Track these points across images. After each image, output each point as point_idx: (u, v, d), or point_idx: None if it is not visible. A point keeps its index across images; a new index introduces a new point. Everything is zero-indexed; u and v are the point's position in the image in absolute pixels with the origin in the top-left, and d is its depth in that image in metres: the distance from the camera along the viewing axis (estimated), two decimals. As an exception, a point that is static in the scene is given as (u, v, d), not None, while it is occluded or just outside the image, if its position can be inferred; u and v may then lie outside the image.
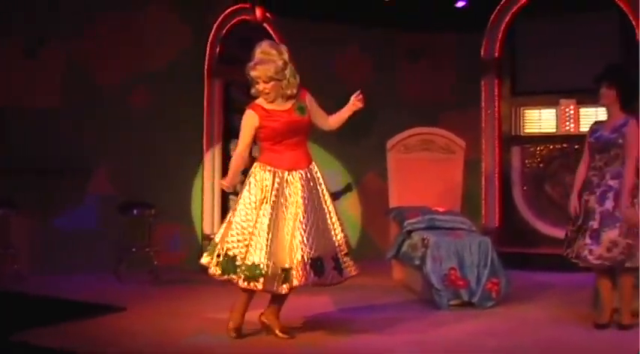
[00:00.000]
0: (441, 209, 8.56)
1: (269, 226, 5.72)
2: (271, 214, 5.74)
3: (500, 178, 10.41)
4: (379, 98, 11.22)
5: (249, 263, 5.70)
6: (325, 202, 5.95)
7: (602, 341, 6.07)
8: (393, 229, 8.91)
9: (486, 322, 6.74)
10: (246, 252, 5.73)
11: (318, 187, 5.95)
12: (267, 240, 5.71)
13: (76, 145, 9.16)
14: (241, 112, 10.22)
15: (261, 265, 5.67)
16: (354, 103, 6.12)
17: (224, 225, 6.04)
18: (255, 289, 5.78)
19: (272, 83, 5.87)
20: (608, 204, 6.16)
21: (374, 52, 11.39)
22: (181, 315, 6.97)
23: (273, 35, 10.59)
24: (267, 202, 5.78)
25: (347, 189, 9.66)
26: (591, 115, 9.86)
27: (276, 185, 5.81)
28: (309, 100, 6.06)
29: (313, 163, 6.04)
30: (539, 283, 8.65)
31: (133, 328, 6.45)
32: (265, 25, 10.50)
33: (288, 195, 5.81)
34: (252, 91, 6.02)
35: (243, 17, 10.25)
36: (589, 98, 9.71)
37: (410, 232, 8.20)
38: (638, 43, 9.71)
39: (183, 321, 6.73)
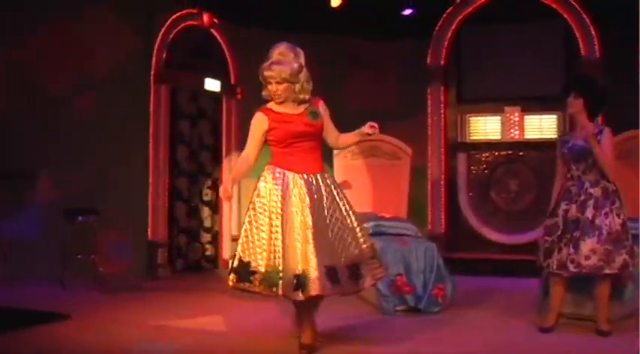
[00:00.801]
0: (387, 215, 8.59)
1: (283, 230, 5.49)
2: (283, 218, 5.50)
3: (446, 185, 10.52)
4: (325, 104, 11.24)
5: (269, 270, 5.45)
6: (342, 208, 5.69)
7: (548, 345, 6.15)
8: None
9: (433, 328, 6.78)
10: (267, 258, 5.47)
11: (334, 192, 5.71)
12: (283, 243, 5.46)
13: (20, 150, 9.02)
14: (188, 118, 10.33)
15: (279, 269, 5.42)
16: (367, 129, 5.93)
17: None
18: (274, 295, 5.52)
19: (285, 85, 5.70)
20: (588, 212, 6.23)
21: (320, 58, 11.36)
22: (128, 323, 6.89)
23: (221, 41, 10.59)
24: (277, 206, 5.54)
25: None
26: (536, 123, 10.03)
27: (286, 188, 5.58)
28: (322, 108, 5.93)
29: (327, 169, 5.85)
30: (485, 288, 8.73)
31: (79, 336, 6.36)
32: (213, 30, 10.49)
33: (299, 200, 5.56)
34: (264, 92, 5.82)
35: (190, 22, 10.22)
36: (534, 106, 9.90)
37: (357, 239, 8.20)
38: (582, 54, 9.91)
39: (129, 329, 6.66)
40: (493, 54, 10.39)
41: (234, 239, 10.81)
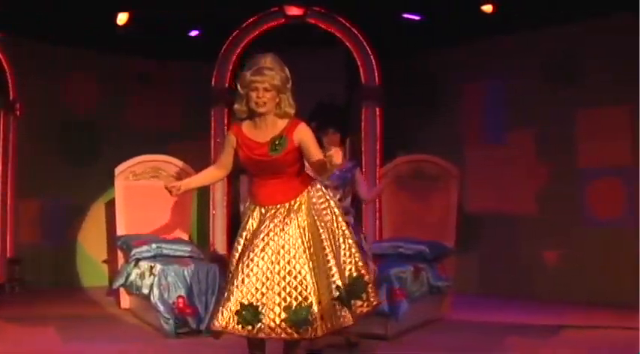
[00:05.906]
0: (169, 237, 8.56)
1: (247, 264, 4.99)
2: (247, 254, 5.01)
3: (228, 206, 10.53)
4: (107, 123, 11.08)
5: (238, 307, 5.00)
6: (324, 235, 5.12)
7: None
8: (121, 257, 8.80)
9: (215, 350, 6.78)
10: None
11: (314, 217, 5.15)
12: (246, 277, 4.99)
13: None
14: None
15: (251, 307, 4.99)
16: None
17: None
18: (247, 335, 5.04)
19: (272, 93, 5.16)
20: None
21: (103, 76, 11.23)
22: None
23: (-1, 54, 10.23)
24: (239, 242, 5.12)
25: None
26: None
27: (248, 222, 5.16)
28: (298, 136, 5.16)
29: (305, 193, 5.17)
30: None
31: None
32: (-10, 43, 10.11)
33: (260, 236, 5.03)
34: (237, 106, 5.24)
35: (-35, 34, 9.80)
36: (315, 131, 10.12)
37: (138, 261, 8.13)
38: (362, 81, 10.26)
39: None
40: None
41: (11, 261, 10.41)
